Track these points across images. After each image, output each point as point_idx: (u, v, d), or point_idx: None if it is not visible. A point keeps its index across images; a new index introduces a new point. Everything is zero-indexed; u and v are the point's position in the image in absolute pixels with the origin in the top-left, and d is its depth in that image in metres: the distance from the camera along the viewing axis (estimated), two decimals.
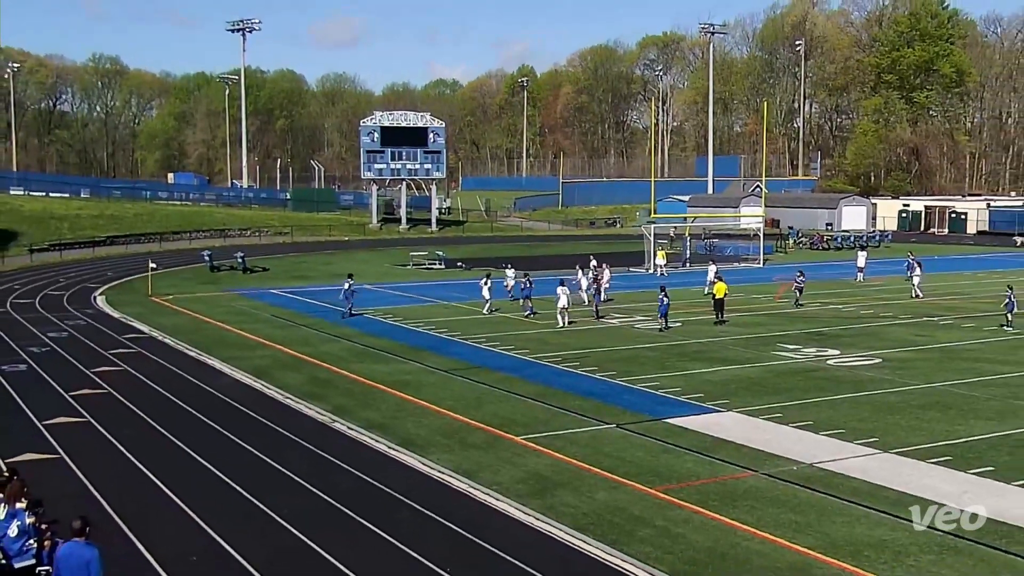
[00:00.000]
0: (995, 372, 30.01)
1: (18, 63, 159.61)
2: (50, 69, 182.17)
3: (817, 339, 36.26)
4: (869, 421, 23.98)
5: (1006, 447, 21.71)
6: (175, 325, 41.42)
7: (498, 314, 42.48)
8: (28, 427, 24.09)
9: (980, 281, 57.41)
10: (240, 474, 20.10)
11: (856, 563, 15.40)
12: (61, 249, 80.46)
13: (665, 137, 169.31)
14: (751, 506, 18.04)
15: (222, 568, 15.37)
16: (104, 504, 18.23)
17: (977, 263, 70.63)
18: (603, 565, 15.53)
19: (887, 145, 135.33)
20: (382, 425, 24.10)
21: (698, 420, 24.37)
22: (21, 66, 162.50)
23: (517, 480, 19.67)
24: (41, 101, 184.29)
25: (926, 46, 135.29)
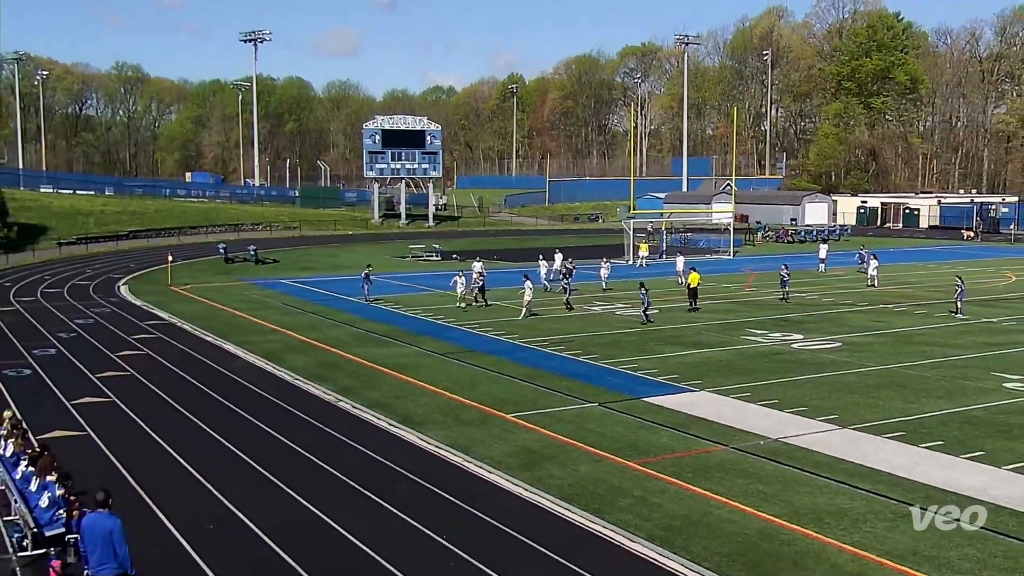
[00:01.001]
0: (944, 355, 30.15)
1: (47, 71, 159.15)
2: (76, 76, 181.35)
3: (782, 325, 36.37)
4: (830, 400, 24.08)
5: (954, 423, 21.82)
6: (193, 312, 41.36)
7: (474, 306, 42.39)
8: (58, 406, 24.07)
9: (931, 272, 57.58)
10: (253, 449, 20.12)
11: (818, 530, 15.47)
12: (87, 243, 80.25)
13: (643, 139, 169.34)
14: (722, 477, 18.10)
15: (237, 535, 15.38)
16: (128, 477, 18.23)
17: (929, 255, 70.84)
18: (587, 532, 15.58)
19: (846, 147, 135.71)
20: (384, 404, 24.11)
21: (673, 399, 24.43)
22: (49, 73, 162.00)
23: (507, 454, 19.71)
24: (68, 106, 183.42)
25: (883, 56, 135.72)
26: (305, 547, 14.83)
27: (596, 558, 14.48)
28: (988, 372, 27.39)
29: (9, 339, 34.66)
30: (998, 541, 14.97)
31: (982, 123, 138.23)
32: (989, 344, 32.12)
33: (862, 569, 14.01)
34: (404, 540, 15.16)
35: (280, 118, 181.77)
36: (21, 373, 28.45)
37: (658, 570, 14.12)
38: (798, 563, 14.24)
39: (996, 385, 25.73)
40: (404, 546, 14.89)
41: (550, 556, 14.52)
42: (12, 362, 30.08)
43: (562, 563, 14.26)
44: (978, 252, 73.76)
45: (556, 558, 14.44)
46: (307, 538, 15.24)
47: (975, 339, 33.08)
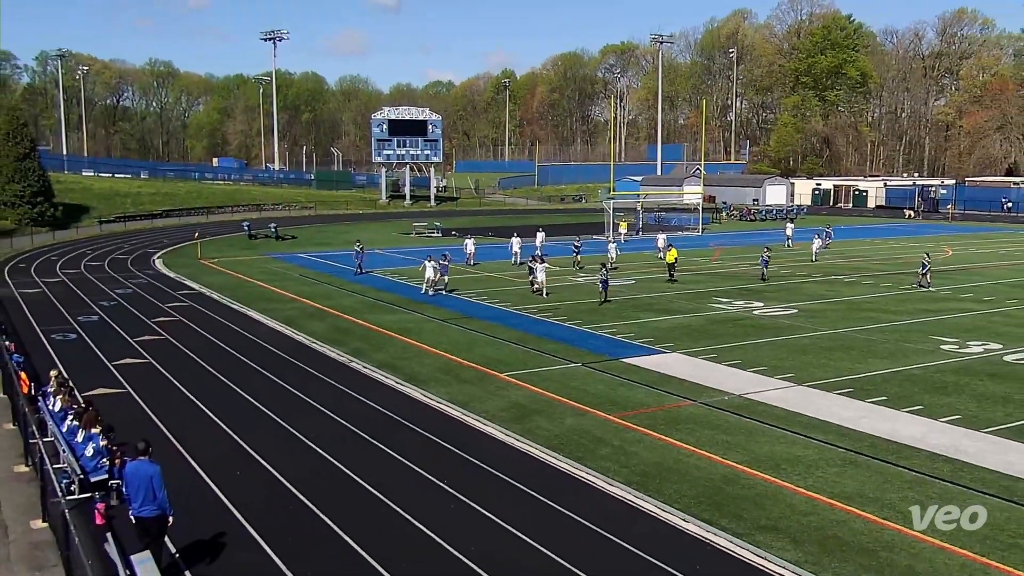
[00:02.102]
0: (889, 320, 30.25)
1: (87, 66, 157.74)
2: (114, 71, 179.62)
3: (745, 294, 36.42)
4: (787, 360, 24.16)
5: (897, 381, 21.94)
6: (220, 283, 41.27)
7: (483, 273, 42.30)
8: (100, 367, 24.07)
9: (878, 247, 57.66)
10: (275, 404, 20.16)
11: (775, 475, 15.59)
12: (125, 221, 79.94)
13: (622, 128, 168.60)
14: (691, 429, 18.20)
15: (261, 481, 15.44)
16: (164, 429, 18.26)
17: (875, 232, 70.91)
18: (571, 477, 15.67)
19: (803, 135, 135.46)
20: (391, 364, 24.15)
21: (648, 360, 24.50)
22: (89, 69, 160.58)
23: (501, 409, 19.78)
24: (107, 98, 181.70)
25: (836, 53, 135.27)
26: (321, 491, 14.90)
27: (580, 500, 14.57)
28: (927, 336, 27.51)
29: (56, 307, 34.58)
30: (934, 484, 15.10)
31: (924, 114, 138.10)
32: (928, 311, 32.23)
33: (814, 509, 14.13)
34: (409, 484, 15.24)
35: (297, 109, 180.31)
36: (67, 337, 28.44)
37: (634, 511, 14.22)
38: (758, 504, 14.35)
39: (934, 347, 25.86)
40: (409, 490, 14.96)
41: (539, 499, 14.62)
42: (59, 327, 30.05)
43: (550, 504, 14.36)
44: (919, 229, 73.80)
45: (545, 500, 14.54)
46: (323, 483, 15.31)
47: (916, 306, 33.18)
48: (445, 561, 12.39)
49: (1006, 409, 19.42)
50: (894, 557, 12.48)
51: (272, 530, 13.37)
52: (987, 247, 57.33)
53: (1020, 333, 27.93)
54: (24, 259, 52.97)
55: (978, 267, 45.76)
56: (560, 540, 12.99)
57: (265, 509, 14.15)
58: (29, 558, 12.58)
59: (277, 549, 12.74)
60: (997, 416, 18.88)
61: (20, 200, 71.27)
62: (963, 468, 15.83)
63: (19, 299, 36.68)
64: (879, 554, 12.57)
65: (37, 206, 72.35)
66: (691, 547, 12.91)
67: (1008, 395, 20.54)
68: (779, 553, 12.62)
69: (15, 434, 17.90)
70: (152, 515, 11.67)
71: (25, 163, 72.18)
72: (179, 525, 12.97)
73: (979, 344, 26.20)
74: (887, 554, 12.57)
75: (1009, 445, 17.02)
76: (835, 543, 12.92)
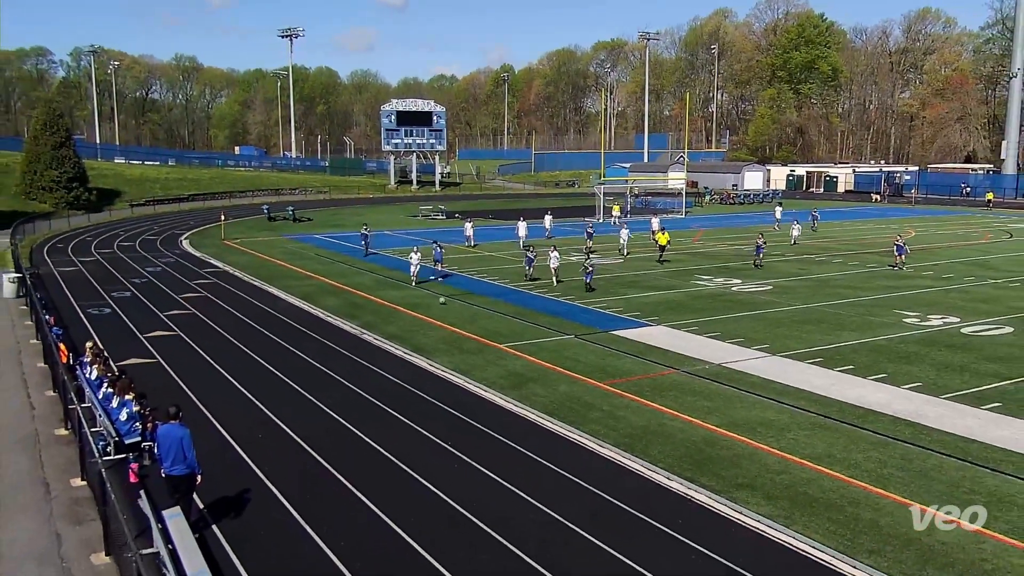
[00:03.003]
0: (856, 296, 30.27)
1: (118, 61, 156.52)
2: (143, 66, 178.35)
3: (724, 272, 36.42)
4: (762, 332, 24.19)
5: (864, 351, 21.99)
6: (242, 262, 41.21)
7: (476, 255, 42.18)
8: (133, 339, 24.07)
9: (847, 229, 57.60)
10: (294, 373, 20.19)
11: (751, 437, 15.65)
12: (154, 204, 79.79)
13: (612, 119, 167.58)
14: (674, 395, 18.24)
15: (281, 443, 15.49)
16: (192, 396, 18.30)
17: (845, 215, 70.79)
18: (565, 439, 15.73)
19: (779, 125, 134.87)
20: (400, 336, 24.16)
21: (635, 332, 24.53)
22: (120, 64, 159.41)
23: (500, 376, 19.81)
24: (136, 91, 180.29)
25: (809, 50, 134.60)
26: (338, 454, 14.95)
27: (572, 460, 14.63)
28: (891, 310, 27.54)
29: (92, 284, 34.54)
30: (897, 446, 15.17)
31: (890, 106, 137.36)
32: (892, 287, 32.24)
33: (786, 468, 14.19)
34: (416, 446, 15.28)
35: (312, 101, 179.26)
36: (102, 311, 28.42)
37: (623, 470, 14.28)
38: (735, 463, 14.41)
39: (897, 320, 25.90)
40: (416, 451, 15.01)
41: (535, 459, 14.67)
42: (95, 302, 30.04)
43: (545, 464, 14.41)
44: (884, 212, 73.67)
45: (540, 460, 14.59)
46: (339, 446, 15.36)
47: (880, 283, 33.19)
48: (449, 515, 12.46)
49: (963, 377, 19.47)
50: (859, 512, 12.55)
51: (290, 487, 13.42)
52: (947, 229, 57.25)
53: (976, 307, 27.98)
54: (62, 240, 52.85)
55: (938, 247, 45.73)
56: (554, 497, 13.05)
57: (284, 467, 14.19)
58: (69, 513, 12.65)
59: (295, 504, 12.80)
60: (955, 383, 18.94)
61: (57, 185, 71.12)
62: (923, 431, 15.90)
63: (58, 276, 36.64)
64: (845, 509, 12.65)
65: (73, 191, 72.20)
66: (674, 503, 12.97)
67: (965, 364, 20.59)
68: (754, 508, 12.69)
69: (55, 400, 17.93)
70: (181, 473, 11.78)
71: (62, 151, 71.93)
72: (206, 483, 13.01)
73: (939, 318, 26.24)
74: (853, 509, 12.64)
75: (966, 410, 17.09)
76: (805, 499, 12.99)
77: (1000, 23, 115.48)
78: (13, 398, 18.35)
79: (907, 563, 11.06)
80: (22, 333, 24.95)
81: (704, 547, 11.48)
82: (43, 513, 12.64)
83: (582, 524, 12.11)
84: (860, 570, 10.92)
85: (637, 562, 11.05)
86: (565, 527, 12.06)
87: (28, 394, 18.65)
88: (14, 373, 20.40)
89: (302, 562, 11.12)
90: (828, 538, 11.74)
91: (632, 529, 12.05)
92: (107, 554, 11.28)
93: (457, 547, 11.50)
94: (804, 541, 11.68)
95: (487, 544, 11.60)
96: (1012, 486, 13.43)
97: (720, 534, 11.92)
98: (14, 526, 12.21)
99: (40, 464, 14.54)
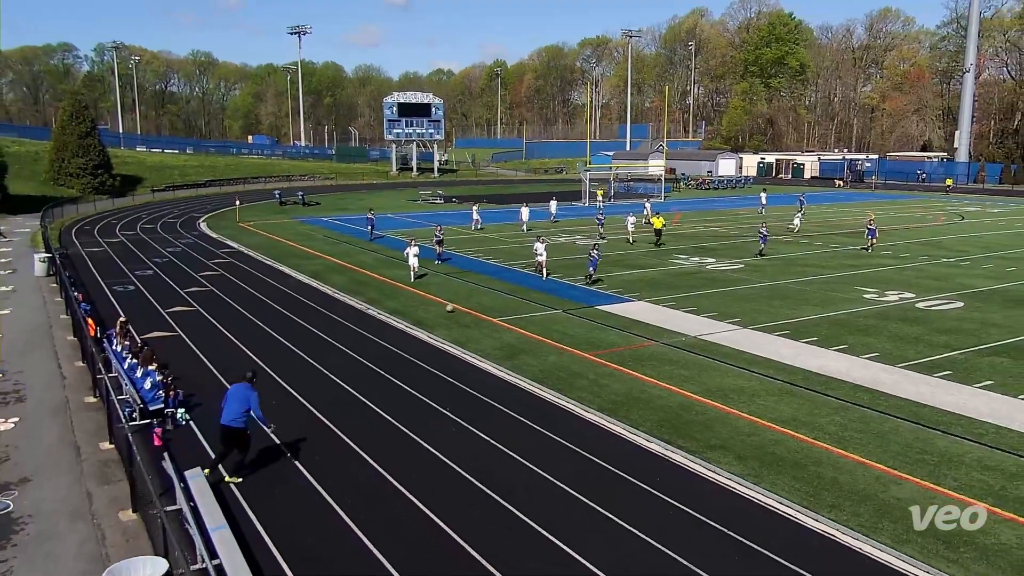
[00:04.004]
0: (819, 274, 30.36)
1: (138, 56, 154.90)
2: (161, 61, 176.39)
3: (700, 251, 36.44)
4: (734, 307, 24.25)
5: (826, 324, 22.09)
6: (256, 243, 41.04)
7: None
8: (155, 313, 24.01)
9: (812, 212, 57.60)
10: (304, 344, 20.18)
11: (723, 402, 15.74)
12: (174, 189, 79.17)
13: (597, 111, 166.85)
14: (654, 365, 18.31)
15: (293, 408, 15.51)
16: (210, 366, 18.29)
17: (811, 199, 70.60)
18: (554, 405, 15.79)
19: (750, 116, 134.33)
20: (401, 311, 24.15)
21: (618, 307, 24.57)
22: (140, 58, 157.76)
23: (494, 348, 19.84)
24: (156, 84, 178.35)
25: (779, 46, 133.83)
26: (344, 417, 14.99)
27: (561, 424, 14.70)
28: (851, 286, 27.64)
29: (117, 263, 34.39)
30: (856, 410, 15.28)
31: (853, 99, 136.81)
32: (852, 265, 32.33)
33: (755, 431, 14.29)
34: (416, 411, 15.33)
35: (320, 94, 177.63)
36: (127, 288, 28.32)
37: (606, 433, 14.36)
38: (709, 427, 14.50)
39: (857, 296, 26.00)
40: (417, 416, 15.06)
41: (527, 423, 14.73)
42: (120, 280, 29.92)
43: (536, 428, 14.47)
44: (847, 196, 73.66)
45: (531, 424, 14.66)
46: (346, 411, 15.39)
47: (842, 262, 33.28)
48: (447, 475, 12.52)
49: (916, 348, 19.59)
50: (821, 471, 12.66)
51: (303, 448, 13.47)
52: (904, 212, 57.32)
53: (929, 284, 28.10)
54: (88, 222, 52.52)
55: (896, 228, 45.80)
56: (544, 458, 13.12)
57: (297, 431, 14.22)
58: (99, 473, 12.67)
59: (307, 464, 12.84)
60: (909, 354, 19.06)
61: (83, 172, 70.53)
62: (880, 397, 16.02)
63: (85, 256, 36.45)
64: (809, 468, 12.75)
65: (98, 177, 71.59)
66: (653, 463, 13.06)
67: (919, 336, 20.71)
68: (726, 467, 12.78)
69: (84, 371, 17.92)
70: (233, 426, 12.29)
71: (87, 140, 71.27)
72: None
73: (895, 294, 26.35)
74: (816, 468, 12.75)
75: (919, 378, 17.21)
76: (772, 459, 13.09)
77: (955, 22, 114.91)
78: (45, 369, 18.33)
79: (864, 516, 11.19)
80: (53, 309, 24.87)
81: (680, 503, 11.58)
82: (74, 473, 12.67)
83: (567, 481, 12.19)
84: (822, 523, 11.04)
85: (618, 515, 11.14)
86: (552, 483, 12.14)
87: (59, 365, 18.63)
88: (46, 346, 20.36)
89: (312, 515, 11.18)
90: (793, 494, 11.85)
91: (614, 486, 12.13)
92: (134, 511, 11.32)
93: (454, 502, 11.57)
94: (771, 497, 11.79)
95: (481, 499, 11.67)
96: (960, 447, 13.56)
97: (695, 491, 12.02)
98: (49, 486, 12.24)
99: (71, 429, 14.55)
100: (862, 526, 10.91)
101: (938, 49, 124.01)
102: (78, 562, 10.09)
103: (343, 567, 9.94)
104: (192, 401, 15.52)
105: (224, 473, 12.30)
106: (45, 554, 10.28)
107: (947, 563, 10.00)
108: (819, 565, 9.96)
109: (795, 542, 10.53)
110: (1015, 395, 16.06)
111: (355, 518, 11.09)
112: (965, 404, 15.54)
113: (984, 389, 16.42)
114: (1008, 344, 19.90)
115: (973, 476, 12.41)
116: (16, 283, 29.43)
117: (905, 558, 10.14)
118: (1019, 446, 13.57)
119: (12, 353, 19.55)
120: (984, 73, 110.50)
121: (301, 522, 11.02)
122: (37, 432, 14.38)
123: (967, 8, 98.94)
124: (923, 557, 10.14)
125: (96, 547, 10.43)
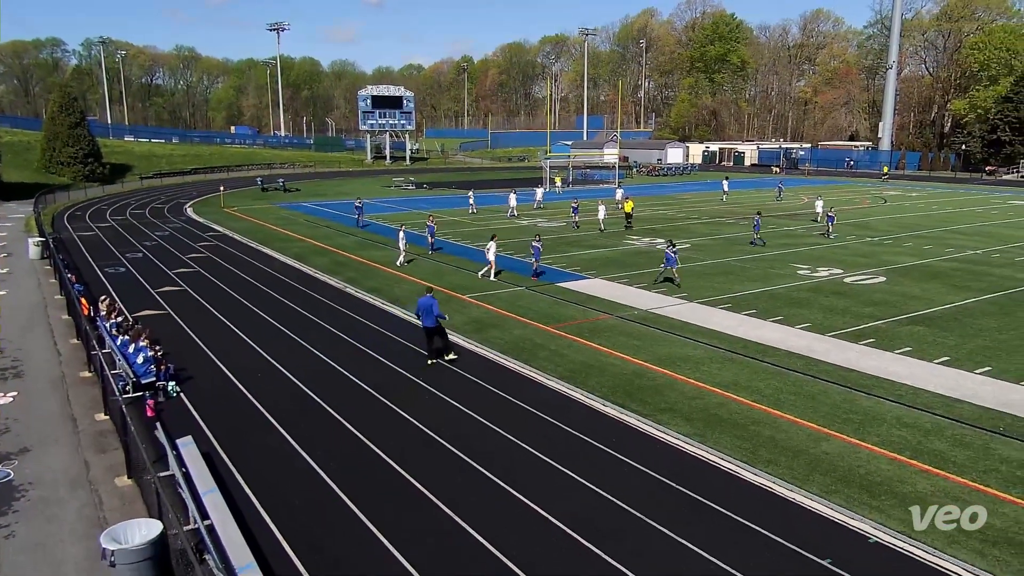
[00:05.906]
0: (758, 252, 30.73)
1: (124, 51, 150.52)
2: (147, 55, 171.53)
3: (650, 233, 36.65)
4: (682, 283, 24.47)
5: (765, 298, 22.41)
6: (240, 227, 40.39)
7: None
8: (145, 293, 23.57)
9: (751, 196, 58.24)
10: (286, 320, 19.98)
11: (672, 369, 15.93)
12: (161, 177, 77.43)
13: (556, 103, 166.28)
14: (609, 336, 18.46)
15: (277, 380, 15.39)
16: (198, 341, 18.04)
17: (750, 184, 71.51)
18: (518, 374, 15.85)
19: (696, 109, 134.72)
20: (379, 290, 24.00)
21: (576, 284, 24.67)
22: (127, 53, 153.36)
23: (464, 322, 19.83)
24: (142, 77, 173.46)
25: (722, 44, 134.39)
26: (326, 389, 14.91)
27: (525, 391, 14.77)
28: (787, 264, 28.05)
29: (108, 246, 33.63)
30: (791, 375, 15.58)
31: (788, 93, 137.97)
32: (787, 244, 32.79)
33: (700, 395, 14.51)
34: (392, 381, 15.29)
35: (298, 87, 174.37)
36: (118, 270, 27.74)
37: (567, 399, 14.47)
38: (659, 392, 14.69)
39: (792, 272, 26.40)
40: (392, 386, 15.03)
41: (494, 391, 14.78)
42: (111, 262, 29.29)
43: (502, 395, 14.53)
44: (784, 182, 74.31)
45: (498, 392, 14.71)
46: (327, 383, 15.31)
47: (777, 241, 33.71)
48: (422, 440, 12.53)
49: (845, 319, 19.99)
50: (760, 430, 12.91)
51: (287, 418, 13.38)
52: (833, 196, 58.14)
53: (856, 261, 28.63)
54: (80, 208, 51.22)
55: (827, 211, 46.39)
56: (511, 422, 13.19)
57: (281, 402, 14.13)
58: (95, 443, 12.48)
59: (292, 432, 12.77)
60: (838, 324, 19.44)
61: (74, 160, 68.77)
62: (813, 363, 16.34)
63: (77, 240, 35.58)
64: (749, 428, 13.00)
65: (88, 165, 69.84)
66: (609, 425, 13.20)
67: (847, 308, 21.12)
68: (675, 428, 12.97)
69: (79, 347, 17.56)
70: (432, 325, 16.05)
71: (77, 130, 69.40)
72: (213, 415, 12.90)
73: (826, 269, 26.80)
74: (755, 428, 13.00)
75: (847, 346, 17.58)
76: (716, 420, 13.31)
77: (879, 23, 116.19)
78: (42, 346, 17.93)
79: (797, 470, 11.45)
80: (47, 290, 24.29)
81: (634, 461, 11.74)
82: (72, 444, 12.46)
83: (535, 445, 12.28)
84: (760, 476, 11.28)
85: (578, 473, 11.26)
86: (519, 446, 12.22)
87: (55, 342, 18.24)
88: (42, 325, 19.90)
89: (297, 478, 11.13)
90: (734, 451, 12.08)
91: (574, 447, 12.25)
92: (129, 477, 11.19)
93: (430, 465, 11.59)
94: (715, 454, 12.00)
95: (457, 463, 11.71)
96: (882, 406, 13.91)
97: (647, 450, 12.18)
98: (48, 455, 12.03)
99: (68, 402, 14.28)
100: (796, 479, 11.17)
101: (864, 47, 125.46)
102: (77, 525, 9.96)
103: (329, 525, 9.94)
104: (183, 375, 15.32)
105: (441, 359, 16.12)
106: (47, 518, 10.12)
107: (869, 509, 10.29)
108: (758, 514, 10.19)
109: (736, 494, 10.75)
110: (931, 360, 16.49)
111: (338, 481, 11.07)
112: (887, 368, 15.92)
113: (903, 355, 16.82)
114: (925, 314, 20.40)
115: (893, 432, 12.75)
116: (12, 266, 28.67)
117: (833, 506, 10.42)
118: (934, 405, 13.96)
119: (10, 332, 19.09)
120: (905, 69, 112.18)
121: (287, 484, 10.97)
122: (35, 405, 14.10)
123: (891, 10, 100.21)
124: (848, 505, 10.42)
125: (94, 511, 10.30)
